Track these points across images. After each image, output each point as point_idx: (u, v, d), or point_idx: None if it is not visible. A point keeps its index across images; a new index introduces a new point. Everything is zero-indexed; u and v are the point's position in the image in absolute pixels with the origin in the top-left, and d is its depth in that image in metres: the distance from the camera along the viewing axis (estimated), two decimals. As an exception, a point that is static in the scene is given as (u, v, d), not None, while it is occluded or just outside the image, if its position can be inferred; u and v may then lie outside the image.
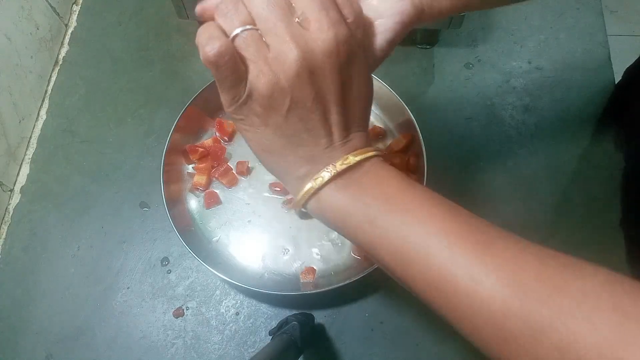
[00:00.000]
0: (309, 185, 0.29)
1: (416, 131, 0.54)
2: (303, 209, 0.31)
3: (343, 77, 0.28)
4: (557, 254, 0.25)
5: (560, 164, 0.59)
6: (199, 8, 0.28)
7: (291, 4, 0.26)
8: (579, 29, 0.67)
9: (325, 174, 0.29)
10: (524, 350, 0.23)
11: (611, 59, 0.65)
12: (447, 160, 0.60)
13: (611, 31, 0.68)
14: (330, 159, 0.29)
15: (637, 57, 0.61)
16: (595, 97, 0.63)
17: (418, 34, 0.65)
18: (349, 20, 0.28)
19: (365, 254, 0.31)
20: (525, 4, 0.69)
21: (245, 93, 0.27)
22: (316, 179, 0.29)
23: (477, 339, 0.25)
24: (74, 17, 0.73)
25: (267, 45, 0.26)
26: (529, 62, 0.65)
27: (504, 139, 0.61)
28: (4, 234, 0.60)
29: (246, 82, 0.27)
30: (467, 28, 0.67)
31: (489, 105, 0.63)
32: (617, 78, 0.64)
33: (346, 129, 0.29)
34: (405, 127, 0.57)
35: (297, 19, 0.26)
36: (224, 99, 0.28)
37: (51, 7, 0.69)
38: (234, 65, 0.26)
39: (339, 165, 0.29)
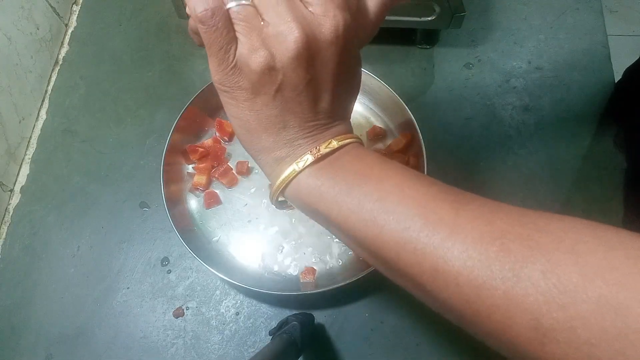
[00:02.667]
0: (290, 169, 0.28)
1: (416, 131, 0.54)
2: (280, 198, 0.31)
3: (340, 66, 0.27)
4: (535, 210, 0.24)
5: (560, 164, 0.59)
6: None
7: None
8: (579, 29, 0.67)
9: (308, 157, 0.28)
10: (502, 292, 0.22)
11: (611, 59, 0.65)
12: (447, 160, 0.59)
13: (611, 31, 0.68)
14: (314, 142, 0.28)
15: (636, 56, 0.61)
16: (595, 97, 0.63)
17: (418, 34, 0.65)
18: (352, 7, 0.26)
19: (338, 235, 0.30)
20: None
21: (234, 63, 0.26)
22: (298, 162, 0.28)
23: (452, 297, 0.24)
24: (74, 17, 0.73)
25: (266, 23, 0.25)
26: (529, 62, 0.65)
27: (504, 139, 0.61)
28: (4, 234, 0.60)
29: (236, 49, 0.26)
30: (467, 28, 0.67)
31: (489, 105, 0.63)
32: (617, 78, 0.64)
33: (332, 117, 0.29)
34: (405, 127, 0.57)
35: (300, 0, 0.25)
36: (211, 63, 0.27)
37: (51, 7, 0.69)
38: (224, 28, 0.25)
39: (323, 149, 0.28)
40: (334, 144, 0.28)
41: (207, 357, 0.52)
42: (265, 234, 0.56)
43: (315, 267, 0.53)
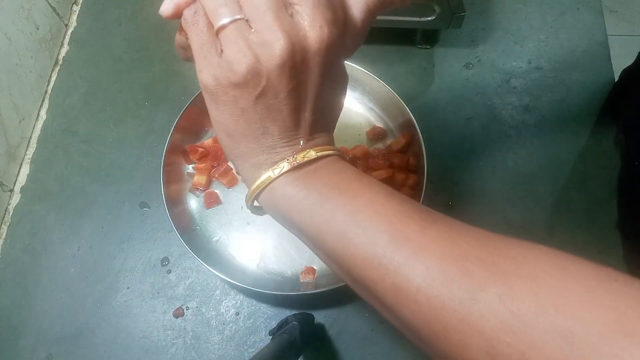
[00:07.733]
0: (266, 175, 0.29)
1: (416, 131, 0.54)
2: (256, 203, 0.31)
3: (324, 78, 0.27)
4: (500, 235, 0.25)
5: (560, 164, 0.59)
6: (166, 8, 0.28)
7: None
8: (579, 29, 0.67)
9: (285, 165, 0.28)
10: (459, 314, 0.22)
11: (611, 59, 0.65)
12: (447, 160, 0.60)
13: (611, 31, 0.68)
14: (293, 151, 0.29)
15: (636, 56, 0.61)
16: (595, 97, 0.63)
17: (418, 34, 0.65)
18: (339, 20, 0.27)
19: (310, 246, 0.31)
20: None
21: (217, 62, 0.27)
22: (274, 169, 0.28)
23: (412, 315, 0.24)
24: (74, 17, 0.73)
25: (255, 32, 0.26)
26: (529, 62, 0.65)
27: (504, 139, 0.61)
28: (4, 234, 0.60)
29: (221, 50, 0.27)
30: (467, 28, 0.67)
31: (489, 105, 0.63)
32: (617, 78, 0.64)
33: (314, 128, 0.29)
34: (405, 127, 0.57)
35: (290, 10, 0.26)
36: (196, 64, 0.28)
37: (51, 7, 0.69)
38: (205, 25, 0.27)
39: (300, 158, 0.28)
40: (312, 154, 0.28)
41: (207, 357, 0.52)
42: (265, 233, 0.56)
43: (315, 267, 0.53)
